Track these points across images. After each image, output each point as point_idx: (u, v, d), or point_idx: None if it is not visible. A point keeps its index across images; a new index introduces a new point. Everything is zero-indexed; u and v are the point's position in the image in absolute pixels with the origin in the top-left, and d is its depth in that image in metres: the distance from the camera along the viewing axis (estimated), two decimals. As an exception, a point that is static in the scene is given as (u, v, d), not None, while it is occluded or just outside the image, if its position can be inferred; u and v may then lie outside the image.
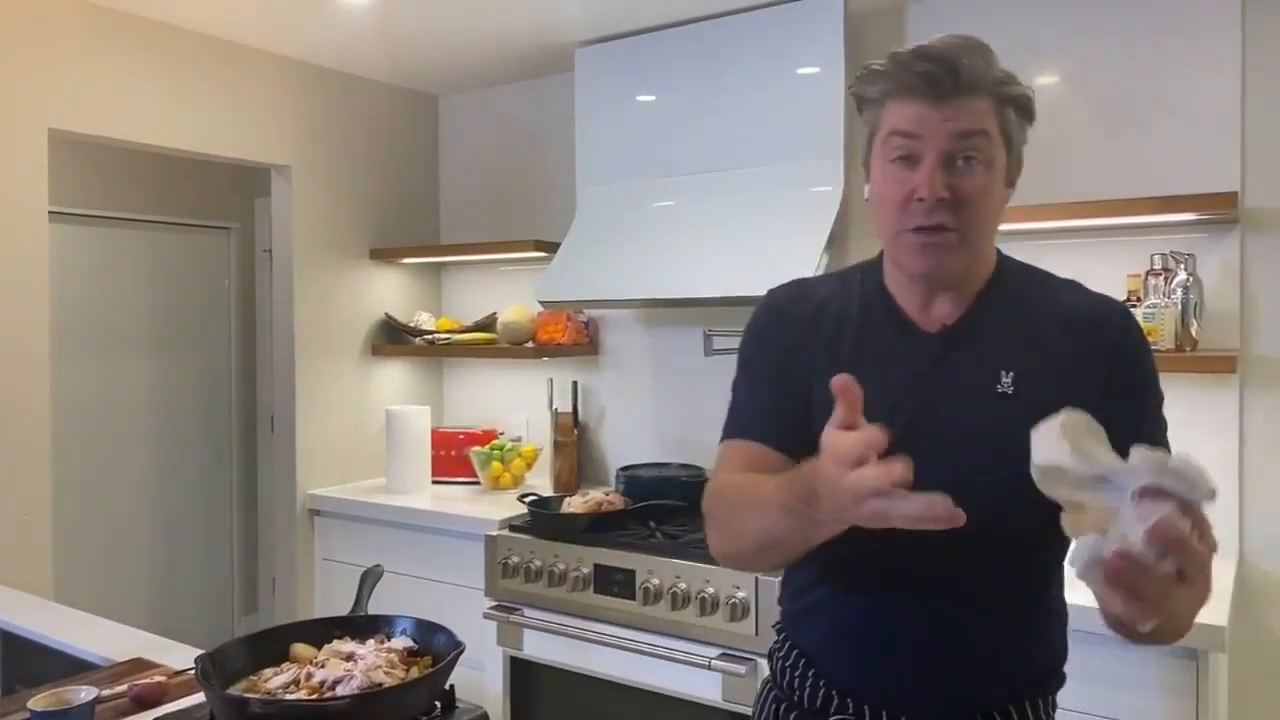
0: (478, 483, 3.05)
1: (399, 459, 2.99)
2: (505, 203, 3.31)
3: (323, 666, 1.16)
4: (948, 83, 1.01)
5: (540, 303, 2.73)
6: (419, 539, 2.75)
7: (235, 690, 1.14)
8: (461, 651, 1.17)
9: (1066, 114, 2.32)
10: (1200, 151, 2.15)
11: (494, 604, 2.47)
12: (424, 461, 3.03)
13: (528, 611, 2.41)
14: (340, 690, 1.10)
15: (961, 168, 1.03)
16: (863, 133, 1.13)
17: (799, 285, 1.24)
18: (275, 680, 1.14)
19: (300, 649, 1.22)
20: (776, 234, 2.42)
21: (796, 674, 1.22)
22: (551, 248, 2.88)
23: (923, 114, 1.03)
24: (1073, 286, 1.17)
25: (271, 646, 1.22)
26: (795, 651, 1.23)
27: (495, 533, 2.51)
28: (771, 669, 1.28)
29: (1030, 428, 0.99)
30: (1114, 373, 1.10)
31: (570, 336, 3.00)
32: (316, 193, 3.08)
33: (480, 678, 2.48)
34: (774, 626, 1.31)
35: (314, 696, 1.11)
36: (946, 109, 1.02)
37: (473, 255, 3.17)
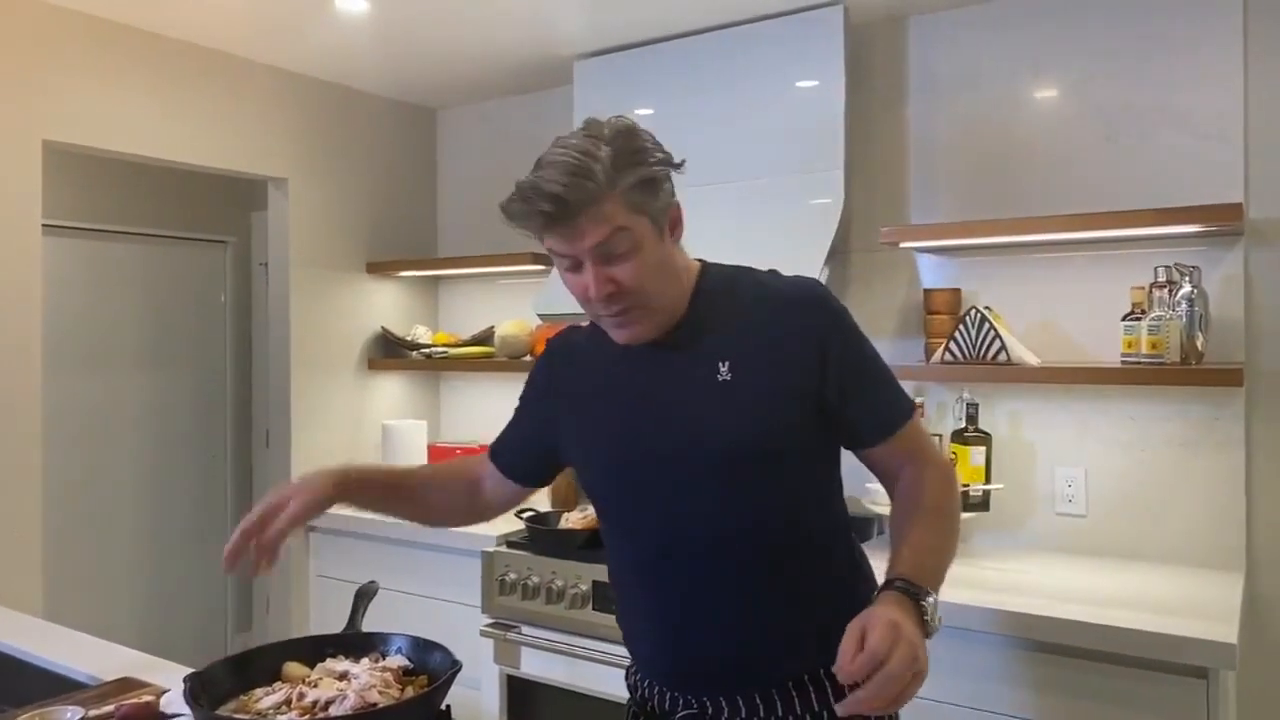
0: (475, 498, 3.01)
1: (395, 474, 2.95)
2: (503, 216, 3.29)
3: (315, 686, 1.12)
4: (567, 212, 1.11)
5: (539, 315, 2.71)
6: (415, 555, 2.71)
7: (225, 711, 1.10)
8: (458, 670, 1.13)
9: (1068, 127, 2.30)
10: (1203, 164, 2.14)
11: (491, 621, 2.43)
12: (420, 477, 2.99)
13: (525, 629, 2.37)
14: (333, 710, 1.07)
15: (615, 262, 1.14)
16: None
17: (567, 334, 1.42)
18: (266, 700, 1.10)
19: (292, 668, 1.18)
20: (777, 247, 2.40)
21: (643, 683, 1.32)
22: (550, 261, 2.86)
23: (562, 237, 1.14)
24: (772, 274, 1.28)
25: (262, 666, 1.18)
26: (640, 674, 1.33)
27: (492, 549, 2.48)
28: (629, 686, 1.37)
29: (751, 407, 1.19)
30: (822, 350, 1.21)
31: (568, 350, 2.97)
32: (313, 205, 3.06)
33: (477, 697, 2.44)
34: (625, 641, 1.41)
35: (306, 717, 1.07)
36: (577, 227, 1.12)
37: (470, 268, 3.15)
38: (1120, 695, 1.70)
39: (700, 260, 1.31)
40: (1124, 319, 2.07)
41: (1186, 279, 2.03)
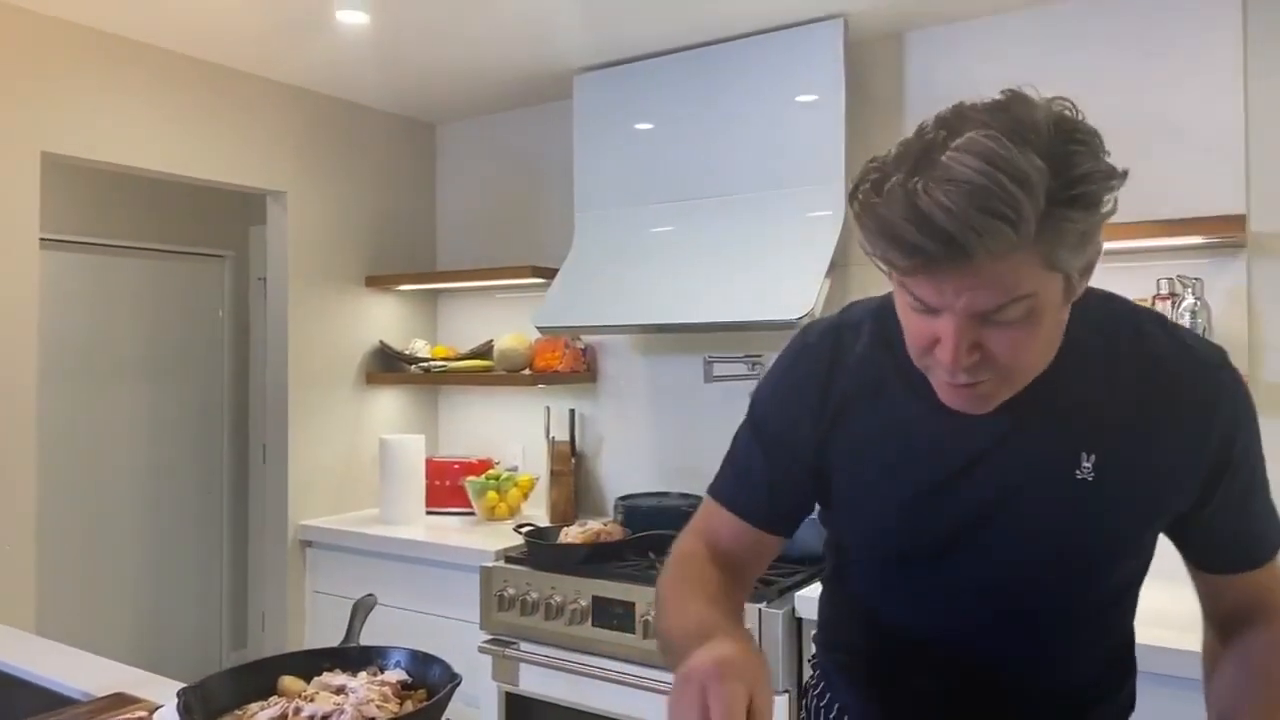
0: (473, 513, 2.99)
1: (392, 489, 2.94)
2: (502, 230, 3.29)
3: (312, 700, 1.10)
4: (957, 261, 0.74)
5: (538, 329, 2.70)
6: (412, 571, 2.69)
7: (220, 725, 1.08)
8: (458, 684, 1.11)
9: (1068, 139, 2.30)
10: (1204, 177, 2.14)
11: (489, 637, 2.40)
12: (418, 491, 2.97)
13: (524, 645, 2.35)
14: (330, 725, 1.05)
15: (995, 325, 0.79)
16: None
17: (836, 335, 1.02)
18: (262, 715, 1.08)
19: (288, 682, 1.16)
20: (776, 260, 2.40)
21: (832, 717, 1.17)
22: (549, 274, 2.86)
23: (933, 287, 0.78)
24: (1165, 328, 0.96)
25: (258, 680, 1.16)
26: (838, 706, 1.16)
27: (491, 564, 2.46)
28: (806, 706, 1.22)
29: (1121, 525, 0.92)
30: (1220, 461, 0.92)
31: (568, 364, 2.96)
32: (312, 219, 3.05)
33: (475, 714, 2.41)
34: (810, 661, 1.26)
35: (302, 732, 1.05)
36: (962, 281, 0.76)
37: (469, 282, 3.14)
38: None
39: None
40: (1126, 331, 2.06)
41: (1189, 291, 2.03)
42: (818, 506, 1.10)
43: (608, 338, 3.02)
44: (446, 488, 3.07)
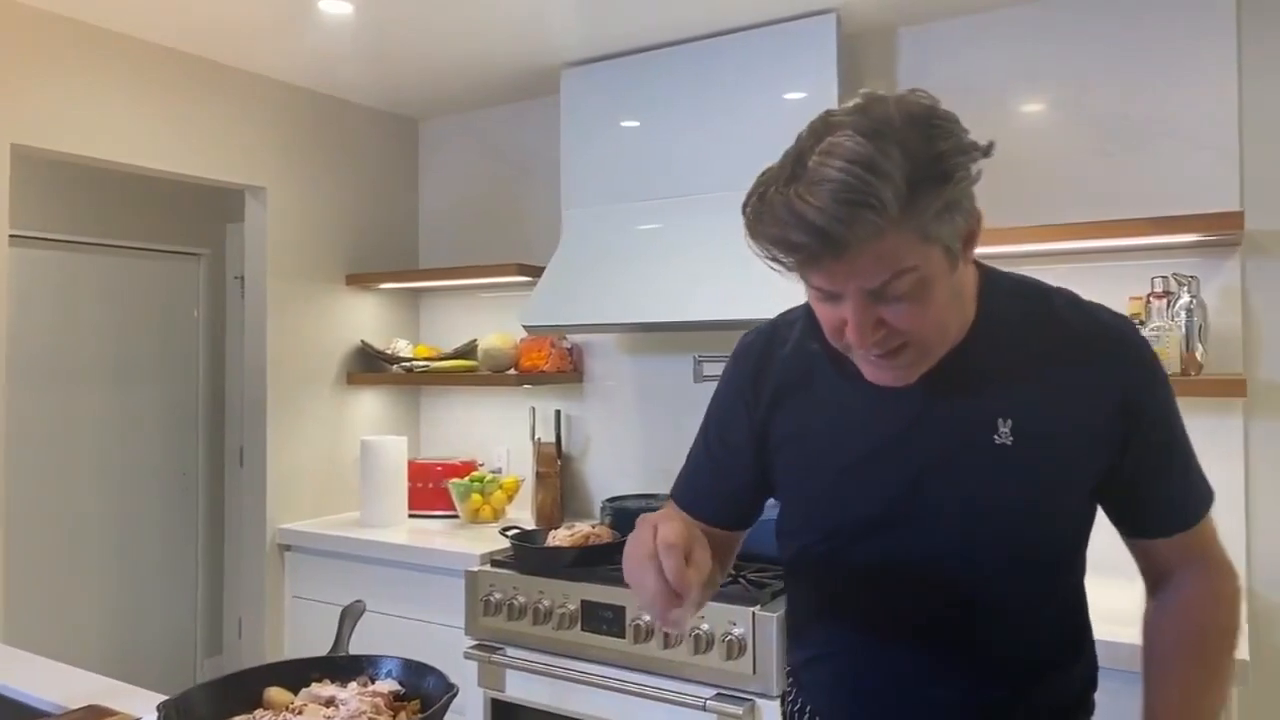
0: (456, 516, 2.93)
1: (374, 492, 2.87)
2: (486, 228, 3.24)
3: (300, 713, 1.05)
4: (834, 251, 0.83)
5: (525, 328, 2.64)
6: (395, 575, 2.62)
7: (202, 740, 1.02)
8: (455, 695, 1.06)
9: (1063, 137, 2.29)
10: (1199, 175, 2.13)
11: (475, 643, 2.35)
12: (400, 494, 2.91)
13: (510, 651, 2.29)
14: (320, 739, 1.00)
15: (891, 302, 0.87)
16: None
17: (768, 336, 1.12)
18: (247, 729, 1.03)
19: (274, 694, 1.11)
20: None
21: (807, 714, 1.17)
22: (535, 272, 2.81)
23: (824, 275, 0.87)
24: (1074, 303, 1.04)
25: (242, 691, 1.10)
26: (810, 708, 1.16)
27: (476, 568, 2.40)
28: (784, 714, 1.23)
29: (1038, 486, 0.97)
30: (1131, 417, 0.98)
31: (554, 363, 2.91)
32: (292, 216, 2.98)
33: (460, 722, 2.35)
34: (787, 671, 1.25)
35: (290, 747, 1.00)
36: (845, 267, 0.84)
37: (453, 280, 3.08)
38: (1123, 713, 1.65)
39: (979, 265, 1.02)
40: (1122, 330, 2.04)
41: (1184, 289, 2.01)
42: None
43: (594, 337, 2.97)
44: (429, 490, 3.01)
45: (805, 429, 1.06)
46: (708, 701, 1.97)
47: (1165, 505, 1.04)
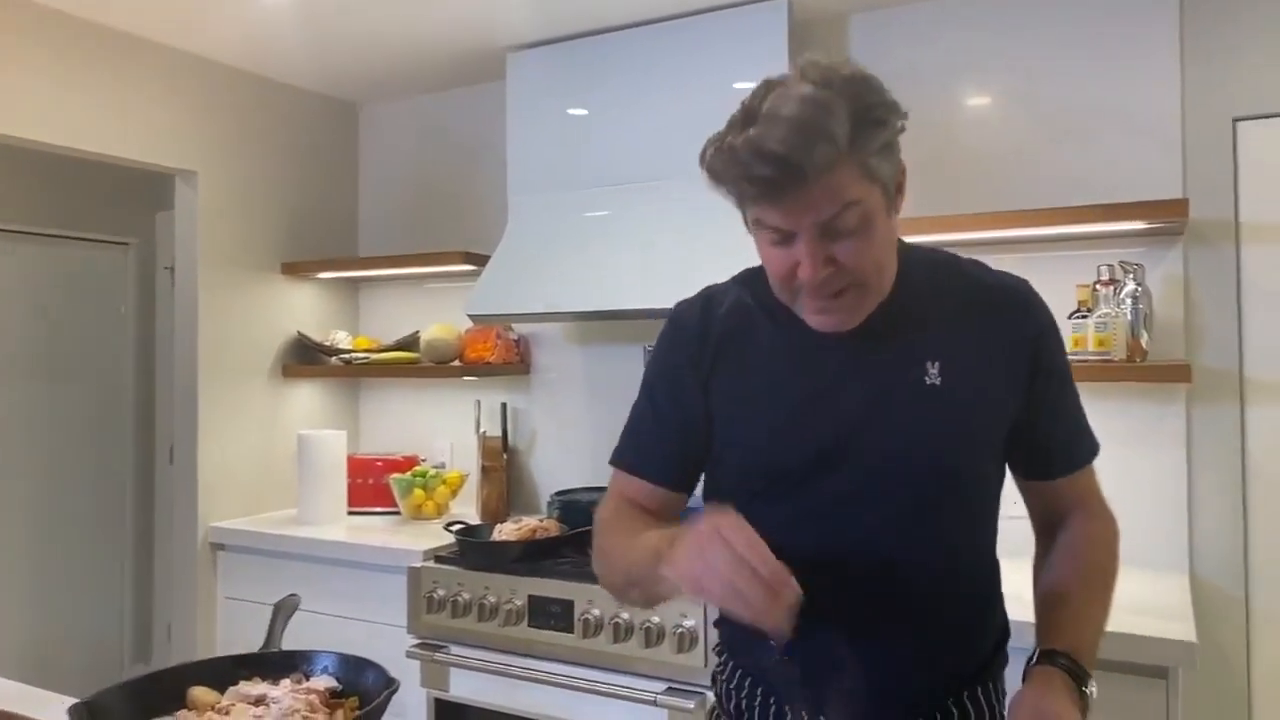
0: (398, 512, 2.84)
1: (311, 488, 2.77)
2: (430, 216, 3.15)
3: (227, 714, 0.98)
4: (793, 180, 0.92)
5: (470, 317, 2.57)
6: (333, 574, 2.53)
7: (117, 745, 0.94)
8: (395, 690, 1.00)
9: (1010, 125, 2.30)
10: (1143, 165, 2.15)
11: (417, 642, 2.27)
12: (339, 490, 2.81)
13: (455, 649, 2.22)
14: (248, 741, 0.93)
15: (839, 237, 0.97)
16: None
17: (705, 299, 1.18)
18: (168, 732, 0.95)
19: (199, 694, 1.03)
20: (716, 244, 2.31)
21: (743, 695, 1.16)
22: (480, 260, 2.73)
23: (781, 211, 0.96)
24: (980, 266, 1.15)
25: (163, 692, 1.02)
26: (739, 672, 1.17)
27: (419, 564, 2.32)
28: (717, 694, 1.22)
29: (964, 419, 1.06)
30: (1036, 363, 1.10)
31: (500, 355, 2.84)
32: (224, 202, 2.86)
33: (402, 724, 2.27)
34: (714, 649, 1.25)
35: (216, 749, 0.93)
36: (802, 199, 0.94)
37: (395, 269, 2.99)
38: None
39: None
40: (1070, 317, 2.06)
41: (1130, 277, 2.03)
42: None
43: (542, 328, 2.91)
44: (370, 486, 2.91)
45: (744, 380, 1.11)
46: (659, 696, 1.93)
47: (1063, 446, 1.15)
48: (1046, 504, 1.18)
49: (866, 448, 1.05)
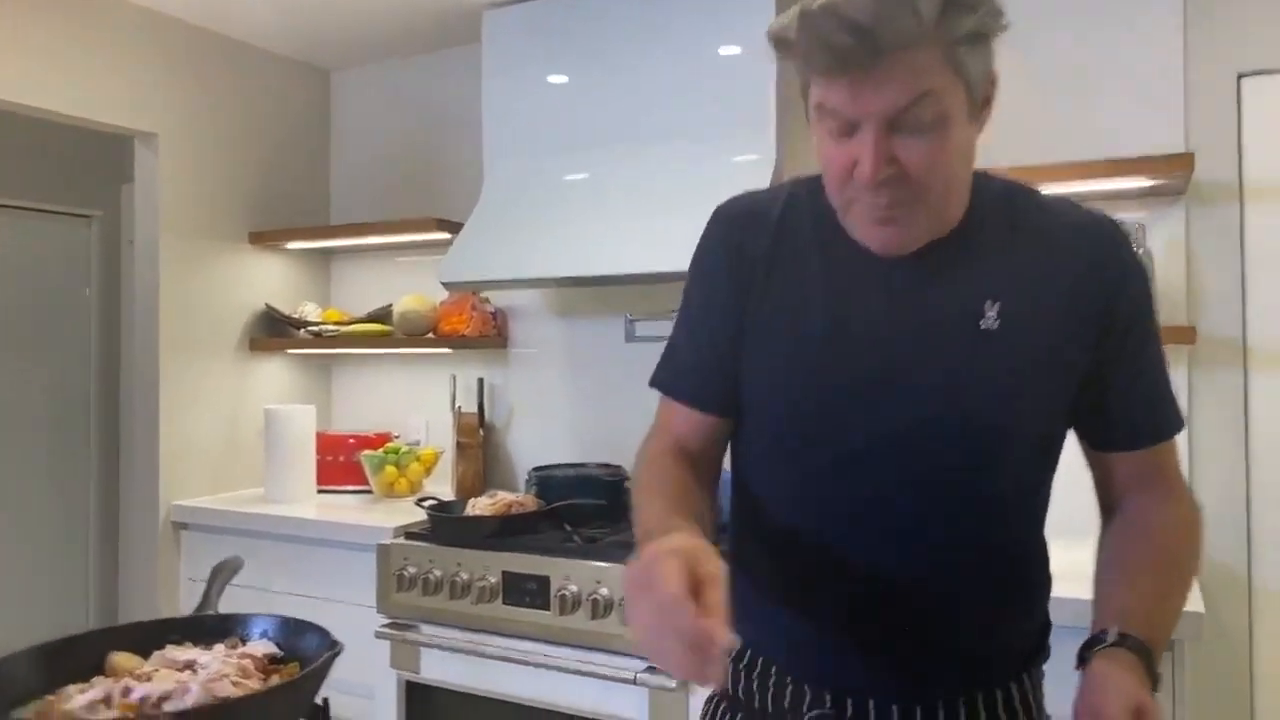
0: (370, 491, 2.73)
1: (278, 465, 2.65)
2: (403, 184, 3.03)
3: (149, 680, 0.87)
4: (870, 50, 0.82)
5: (444, 284, 2.46)
6: (301, 553, 2.42)
7: (21, 713, 0.84)
8: (337, 653, 0.90)
9: (1007, 82, 2.19)
10: (1144, 122, 2.07)
11: (387, 621, 2.17)
12: (308, 467, 2.70)
13: (425, 629, 2.12)
14: (168, 708, 0.82)
15: (908, 134, 0.85)
16: (795, 81, 0.94)
17: (750, 199, 1.06)
18: (79, 699, 0.84)
19: (120, 659, 0.92)
20: (700, 209, 2.22)
21: (755, 674, 1.03)
22: (455, 228, 2.62)
23: (850, 90, 0.84)
24: (1064, 202, 1.01)
25: (79, 657, 0.92)
26: (749, 651, 1.03)
27: (389, 541, 2.22)
28: (731, 676, 1.06)
29: (1021, 374, 0.92)
30: (1115, 314, 0.95)
31: (476, 327, 2.73)
32: (188, 167, 2.74)
33: (370, 706, 2.17)
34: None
35: (132, 716, 0.82)
36: (876, 77, 0.83)
37: (367, 237, 2.87)
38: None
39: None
40: (1069, 279, 1.97)
41: (1132, 237, 1.94)
42: None
43: (520, 299, 2.80)
44: (341, 464, 2.80)
45: (786, 297, 0.98)
46: (638, 674, 1.83)
47: (1138, 415, 0.98)
48: (1117, 479, 1.01)
49: (903, 394, 0.92)
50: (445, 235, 2.67)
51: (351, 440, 2.82)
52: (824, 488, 0.97)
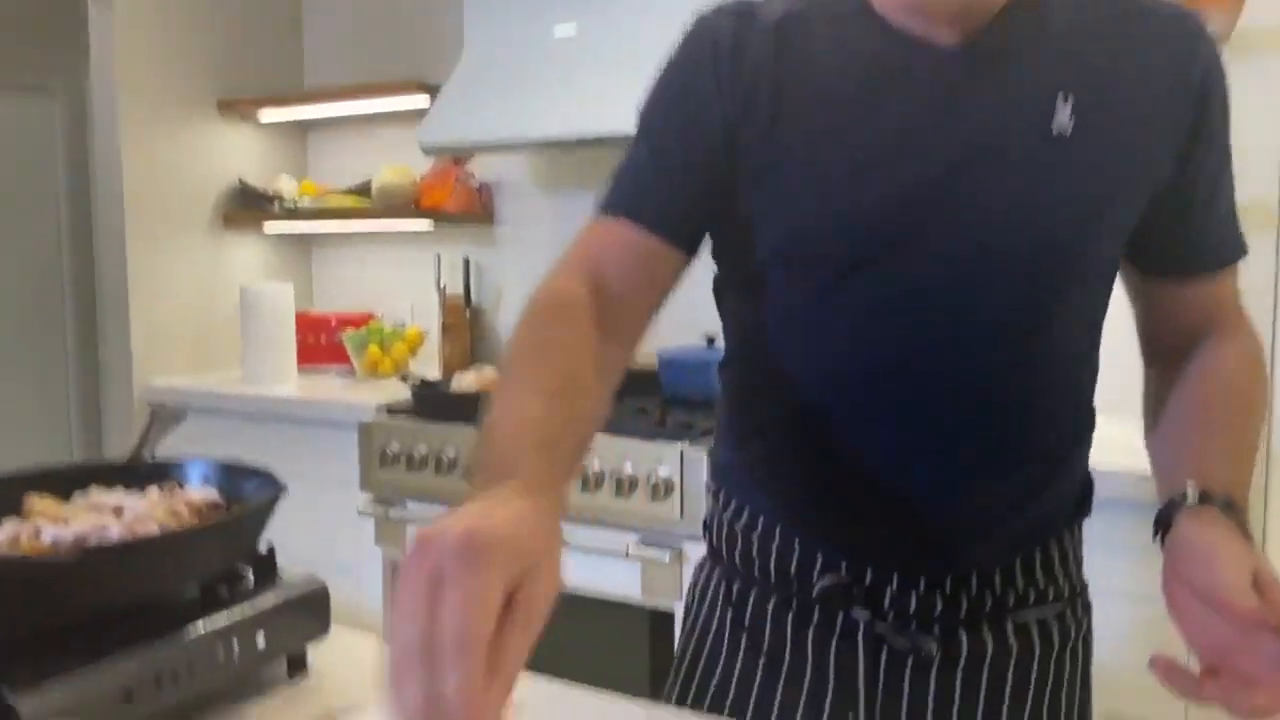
0: (352, 370, 2.63)
1: (256, 345, 2.54)
2: (383, 45, 2.83)
3: (67, 523, 0.77)
4: None
5: (423, 148, 2.30)
6: (281, 433, 2.33)
7: (-81, 556, 0.74)
8: (280, 494, 0.79)
9: None
10: None
11: (370, 498, 2.09)
12: (287, 347, 2.58)
13: (411, 505, 2.04)
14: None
15: None
16: None
17: (738, 5, 0.85)
18: (-14, 541, 0.74)
19: (39, 502, 0.82)
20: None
21: (755, 535, 0.90)
22: (438, 91, 2.44)
23: None
24: None
25: (-6, 500, 0.81)
26: (748, 510, 0.91)
27: (370, 419, 2.12)
28: (714, 542, 0.95)
29: (1094, 180, 0.78)
30: (1202, 111, 0.80)
31: (459, 202, 2.58)
32: (146, 26, 2.54)
33: (354, 586, 2.11)
34: (709, 489, 0.98)
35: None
36: None
37: (343, 102, 2.69)
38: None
39: None
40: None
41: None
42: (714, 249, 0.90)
43: (506, 171, 2.64)
44: (322, 345, 2.69)
45: (792, 119, 0.80)
46: (631, 546, 1.75)
47: (1209, 235, 0.86)
48: (1171, 312, 0.90)
49: (956, 219, 0.77)
50: (427, 100, 2.49)
51: (333, 320, 2.70)
52: (870, 331, 0.82)
